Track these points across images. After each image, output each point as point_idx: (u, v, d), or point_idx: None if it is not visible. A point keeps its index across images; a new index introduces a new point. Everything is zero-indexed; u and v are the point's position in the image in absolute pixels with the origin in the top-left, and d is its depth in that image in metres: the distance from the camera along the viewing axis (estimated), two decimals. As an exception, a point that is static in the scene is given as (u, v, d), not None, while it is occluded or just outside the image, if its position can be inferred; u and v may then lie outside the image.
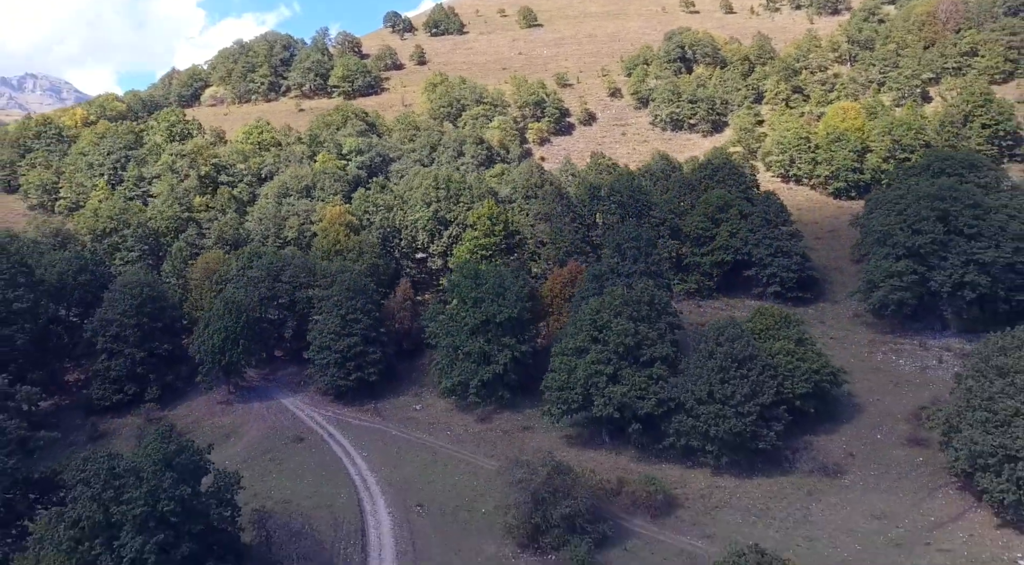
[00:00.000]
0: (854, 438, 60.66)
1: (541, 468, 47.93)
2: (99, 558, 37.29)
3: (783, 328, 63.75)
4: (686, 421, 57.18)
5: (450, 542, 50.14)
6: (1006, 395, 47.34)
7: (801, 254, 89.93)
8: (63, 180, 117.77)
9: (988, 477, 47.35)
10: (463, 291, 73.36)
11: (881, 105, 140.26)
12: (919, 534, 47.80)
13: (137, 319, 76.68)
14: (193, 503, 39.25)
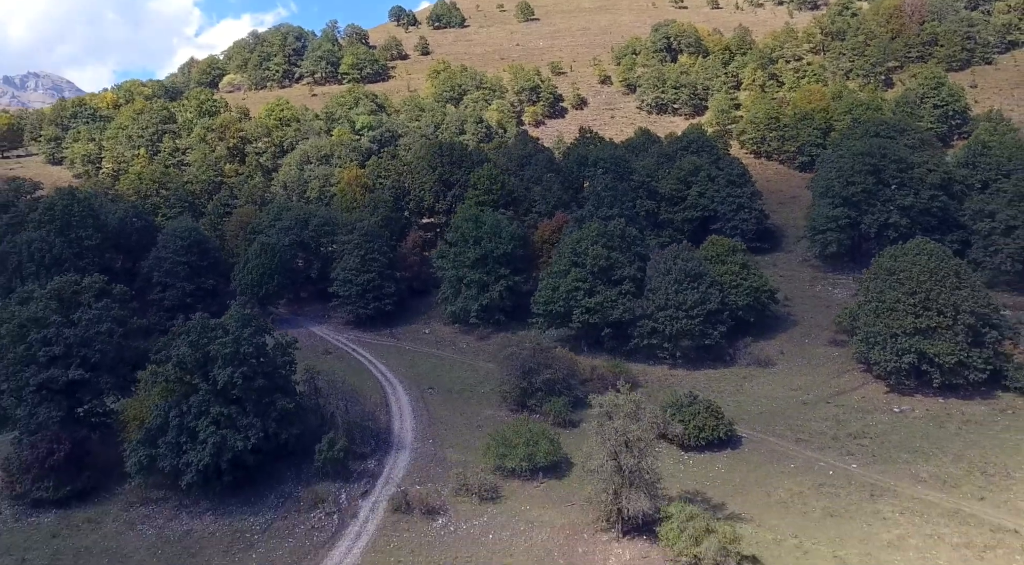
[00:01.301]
0: (786, 341, 73.93)
1: (528, 345, 61.03)
2: (198, 386, 50.29)
3: (730, 255, 76.97)
4: (647, 324, 70.33)
5: (455, 408, 63.24)
6: (891, 288, 60.52)
7: (760, 210, 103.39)
8: (105, 152, 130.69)
9: (876, 351, 60.48)
10: (465, 231, 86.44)
11: (847, 89, 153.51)
12: (824, 397, 60.91)
13: (186, 258, 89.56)
14: (264, 350, 52.31)
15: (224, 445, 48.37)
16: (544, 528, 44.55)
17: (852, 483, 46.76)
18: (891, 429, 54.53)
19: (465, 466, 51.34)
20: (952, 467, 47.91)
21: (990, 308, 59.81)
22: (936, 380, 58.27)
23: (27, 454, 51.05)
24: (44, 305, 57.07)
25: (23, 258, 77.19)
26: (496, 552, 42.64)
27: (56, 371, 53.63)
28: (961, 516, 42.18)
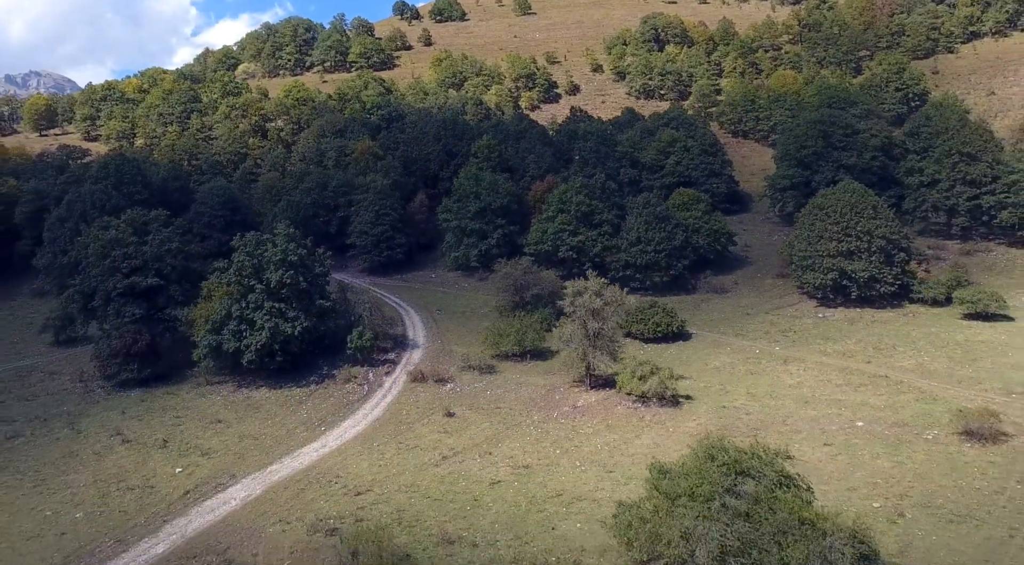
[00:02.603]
0: (740, 276, 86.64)
1: (519, 266, 73.68)
2: (253, 286, 62.77)
3: (695, 204, 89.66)
4: (622, 258, 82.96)
5: (459, 323, 75.83)
6: (820, 221, 73.18)
7: (729, 176, 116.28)
8: (137, 128, 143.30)
9: (808, 273, 73.18)
10: (467, 188, 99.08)
11: (819, 74, 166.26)
12: (763, 310, 73.52)
13: (222, 212, 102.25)
14: (304, 260, 64.87)
15: (277, 331, 60.83)
16: (529, 387, 57.18)
17: (772, 357, 59.44)
18: (813, 327, 67.26)
19: (468, 354, 64.00)
20: (852, 345, 60.67)
21: (900, 235, 72.47)
22: (854, 292, 70.94)
23: (115, 343, 63.42)
24: (123, 229, 69.67)
25: (87, 206, 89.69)
26: (492, 401, 55.22)
27: (136, 278, 66.25)
28: (849, 370, 54.88)
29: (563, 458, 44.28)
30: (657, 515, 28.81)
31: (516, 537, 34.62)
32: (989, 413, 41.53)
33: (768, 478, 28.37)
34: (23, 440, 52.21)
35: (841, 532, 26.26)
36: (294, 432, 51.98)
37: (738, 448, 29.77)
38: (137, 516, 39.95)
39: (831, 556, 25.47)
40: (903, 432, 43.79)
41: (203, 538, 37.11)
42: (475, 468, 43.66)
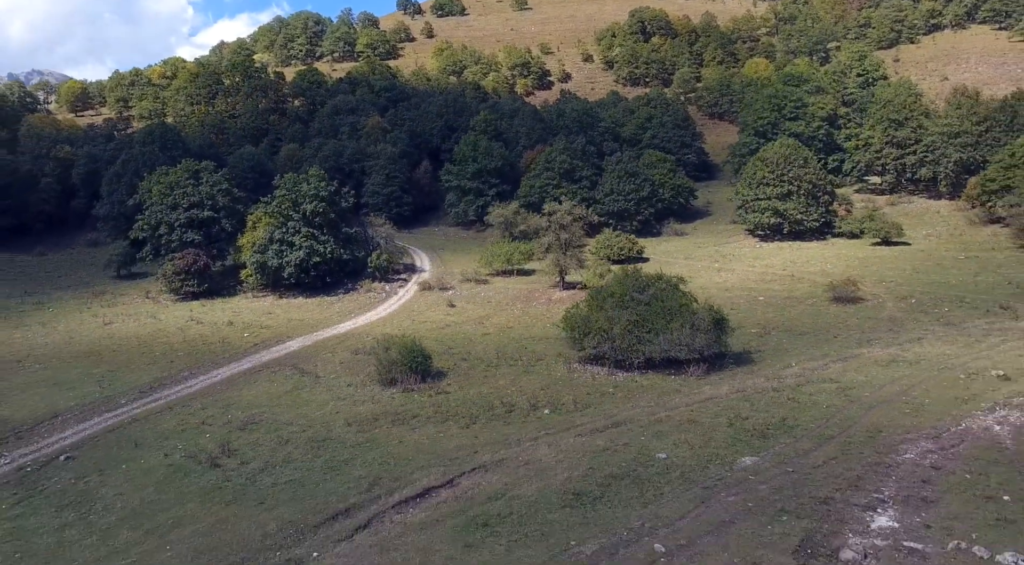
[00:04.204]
0: (700, 224, 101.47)
1: (510, 208, 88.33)
2: (291, 216, 77.23)
3: (661, 163, 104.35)
4: (597, 206, 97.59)
5: (458, 256, 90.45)
6: (760, 170, 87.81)
7: (700, 147, 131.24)
8: (167, 108, 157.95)
9: (750, 214, 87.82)
10: (466, 153, 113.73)
11: (790, 62, 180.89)
12: (712, 245, 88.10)
13: (251, 175, 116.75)
14: (332, 196, 79.40)
15: (312, 250, 75.41)
16: (515, 290, 71.82)
17: (710, 268, 74.17)
18: (749, 252, 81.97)
19: (465, 272, 78.65)
20: (775, 261, 75.53)
21: (824, 181, 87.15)
22: (786, 228, 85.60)
23: (179, 262, 77.94)
24: (180, 174, 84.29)
25: (139, 164, 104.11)
26: (485, 298, 69.79)
27: (195, 212, 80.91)
28: (766, 275, 69.65)
29: (537, 322, 58.88)
30: (590, 312, 43.49)
31: (498, 352, 49.22)
32: (851, 282, 56.21)
33: (661, 287, 43.09)
34: (116, 327, 66.68)
35: (704, 310, 41.01)
36: (331, 317, 66.64)
37: (647, 274, 44.48)
38: (223, 354, 54.48)
39: (696, 322, 40.14)
40: (791, 301, 58.46)
41: (275, 361, 51.66)
42: (470, 330, 58.23)
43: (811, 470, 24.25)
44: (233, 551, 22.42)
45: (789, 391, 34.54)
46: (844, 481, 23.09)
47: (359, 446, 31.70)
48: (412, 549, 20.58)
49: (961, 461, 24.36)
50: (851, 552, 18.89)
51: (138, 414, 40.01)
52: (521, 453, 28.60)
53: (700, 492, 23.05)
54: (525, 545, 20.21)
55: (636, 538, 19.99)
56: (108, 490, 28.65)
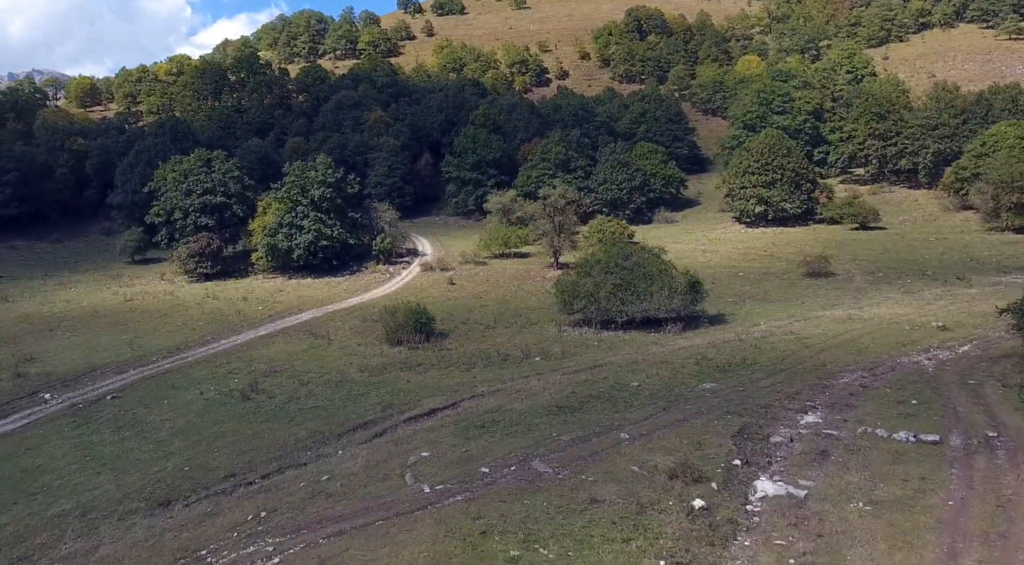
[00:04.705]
0: (690, 212, 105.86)
1: (507, 195, 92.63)
2: (300, 201, 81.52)
3: (653, 154, 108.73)
4: (591, 195, 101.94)
5: (458, 241, 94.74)
6: (746, 159, 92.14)
7: (692, 141, 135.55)
8: (175, 103, 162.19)
9: (737, 201, 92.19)
10: (466, 145, 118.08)
11: (782, 60, 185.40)
12: (700, 231, 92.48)
13: (259, 166, 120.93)
14: (339, 182, 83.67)
15: (320, 233, 79.72)
16: (511, 270, 76.17)
17: (696, 250, 78.51)
18: (734, 237, 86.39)
19: (465, 254, 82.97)
20: (757, 244, 79.93)
21: (807, 169, 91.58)
22: (770, 215, 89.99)
23: (193, 245, 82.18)
24: (194, 162, 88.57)
25: (151, 155, 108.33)
26: (483, 278, 74.11)
27: (208, 197, 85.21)
28: (750, 254, 74.03)
29: (532, 296, 63.17)
30: (579, 278, 47.85)
31: (495, 318, 53.54)
32: (822, 258, 60.60)
33: (644, 255, 47.45)
34: (137, 302, 70.90)
35: (681, 275, 45.38)
36: (339, 294, 70.95)
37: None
38: (240, 324, 58.73)
39: (674, 284, 44.50)
40: (767, 276, 62.90)
41: (289, 328, 55.96)
42: (470, 302, 62.53)
43: (759, 389, 28.62)
44: (271, 451, 26.73)
45: (753, 341, 38.90)
46: (784, 395, 27.46)
47: (372, 384, 36.01)
48: (422, 442, 24.94)
49: (886, 382, 28.74)
50: (779, 437, 23.28)
51: (169, 368, 44.32)
52: (513, 385, 32.95)
53: (663, 404, 27.42)
54: (514, 436, 24.57)
55: (606, 431, 24.37)
56: (155, 417, 32.96)
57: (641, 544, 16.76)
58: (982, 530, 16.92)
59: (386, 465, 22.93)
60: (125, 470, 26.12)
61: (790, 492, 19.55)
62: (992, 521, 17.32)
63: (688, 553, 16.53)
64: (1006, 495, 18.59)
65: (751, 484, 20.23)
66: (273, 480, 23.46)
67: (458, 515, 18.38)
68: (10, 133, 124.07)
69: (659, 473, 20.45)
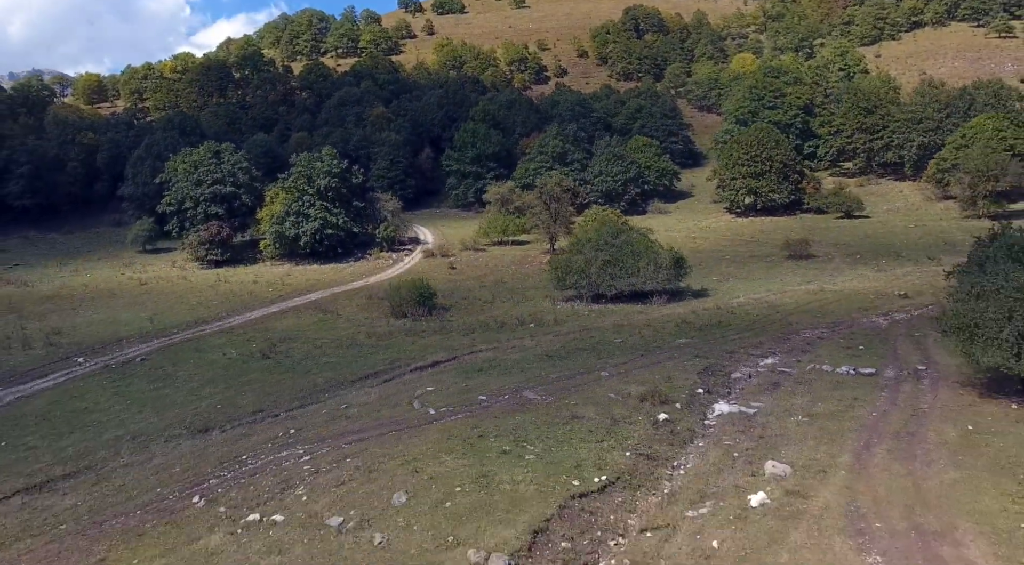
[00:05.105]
0: (683, 204, 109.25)
1: (505, 186, 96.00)
2: (306, 190, 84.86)
3: (647, 147, 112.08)
4: (588, 186, 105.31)
5: (457, 231, 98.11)
6: (736, 151, 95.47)
7: (686, 135, 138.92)
8: (180, 100, 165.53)
9: (727, 192, 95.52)
10: (466, 139, 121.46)
11: (776, 58, 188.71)
12: (692, 224, 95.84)
13: (264, 159, 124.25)
14: (343, 173, 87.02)
15: (326, 221, 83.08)
16: (510, 256, 79.56)
17: (688, 235, 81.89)
18: (723, 226, 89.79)
19: (465, 241, 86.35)
20: (745, 231, 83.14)
21: (795, 161, 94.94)
22: (759, 204, 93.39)
23: (204, 233, 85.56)
24: (204, 154, 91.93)
25: (161, 148, 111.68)
26: (483, 263, 77.47)
27: (218, 187, 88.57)
28: (736, 239, 77.40)
29: (528, 278, 66.57)
30: (572, 255, 51.24)
31: (494, 295, 56.92)
32: (804, 241, 63.98)
33: (632, 234, 50.82)
34: (151, 285, 74.25)
35: (666, 251, 48.76)
36: (344, 277, 74.32)
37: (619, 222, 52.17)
38: (252, 302, 62.08)
39: (659, 260, 47.88)
40: (752, 258, 66.35)
41: (300, 306, 59.31)
42: (470, 283, 65.91)
43: (728, 341, 32.02)
44: (293, 393, 30.10)
45: (730, 309, 42.31)
46: (750, 345, 30.87)
47: (379, 346, 39.40)
48: (427, 381, 28.32)
49: (841, 335, 32.16)
50: (739, 373, 26.68)
51: (190, 337, 47.68)
52: (509, 344, 36.34)
53: (641, 353, 30.81)
54: (508, 375, 27.96)
55: (589, 371, 27.78)
56: (184, 372, 36.33)
57: (612, 444, 20.13)
58: (895, 431, 20.30)
59: (396, 397, 26.31)
60: (164, 409, 29.50)
61: (742, 410, 22.95)
62: (905, 424, 20.70)
63: (651, 449, 19.92)
64: (922, 408, 21.97)
65: (710, 406, 23.63)
66: (297, 411, 26.83)
67: (459, 426, 21.75)
68: (22, 128, 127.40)
69: (632, 398, 23.82)
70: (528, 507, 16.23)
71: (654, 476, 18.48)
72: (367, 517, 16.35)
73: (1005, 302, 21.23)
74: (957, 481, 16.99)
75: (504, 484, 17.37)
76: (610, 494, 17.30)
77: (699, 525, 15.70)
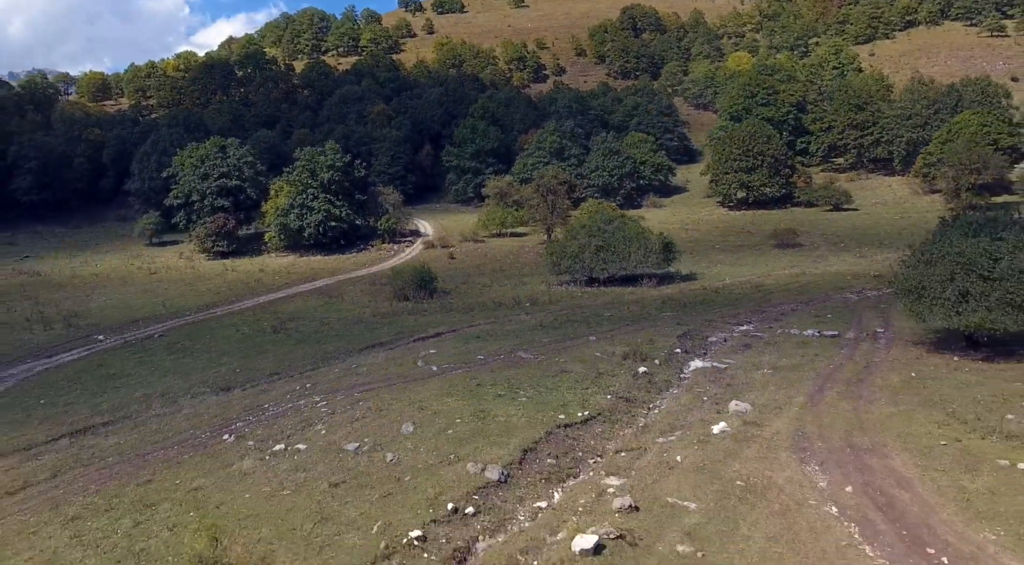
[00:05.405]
0: (678, 198, 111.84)
1: (504, 180, 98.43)
2: (310, 184, 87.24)
3: (643, 143, 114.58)
4: (584, 181, 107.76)
5: (456, 224, 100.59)
6: (729, 146, 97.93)
7: (682, 132, 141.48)
8: (184, 97, 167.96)
9: (720, 186, 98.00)
10: (465, 135, 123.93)
11: (772, 57, 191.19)
12: (684, 218, 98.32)
13: (268, 155, 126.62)
14: (347, 167, 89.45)
15: (329, 213, 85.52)
16: (506, 247, 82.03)
17: (681, 227, 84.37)
18: (717, 219, 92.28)
19: (465, 233, 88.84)
20: (735, 222, 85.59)
21: (785, 156, 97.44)
22: (751, 198, 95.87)
23: (210, 226, 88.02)
24: (210, 148, 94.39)
25: (166, 144, 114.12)
26: (482, 253, 79.96)
27: (224, 181, 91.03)
28: (727, 231, 79.83)
29: (526, 266, 69.04)
30: (567, 240, 53.71)
31: (492, 279, 59.39)
32: (791, 230, 66.47)
33: (624, 221, 53.30)
34: (161, 274, 76.71)
35: (656, 236, 51.26)
36: (348, 267, 76.81)
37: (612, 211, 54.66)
38: (259, 289, 64.54)
39: (649, 244, 50.37)
40: (742, 247, 68.91)
41: (305, 292, 61.78)
42: (469, 270, 68.38)
43: (709, 313, 34.51)
44: (306, 359, 32.58)
45: (715, 289, 44.80)
46: (728, 314, 33.38)
47: (383, 323, 41.88)
48: (431, 347, 30.80)
49: (813, 308, 34.65)
50: (715, 338, 29.17)
51: (202, 318, 50.15)
52: (506, 319, 38.82)
53: (627, 323, 33.30)
54: (505, 340, 30.45)
55: (578, 336, 30.28)
56: (201, 345, 38.80)
57: (595, 390, 22.62)
58: (847, 378, 22.79)
59: (402, 359, 28.79)
60: (187, 373, 31.97)
61: (715, 365, 25.45)
62: (857, 374, 23.20)
63: (630, 394, 22.41)
64: (875, 362, 24.47)
65: (687, 363, 26.13)
66: (311, 372, 29.31)
67: (459, 378, 24.24)
68: (30, 124, 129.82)
69: (616, 356, 26.30)
70: (519, 433, 18.72)
71: (631, 414, 20.97)
72: (380, 442, 18.84)
73: (948, 266, 23.71)
74: (893, 414, 19.48)
75: (499, 417, 19.86)
76: (591, 426, 19.79)
77: (667, 447, 18.20)
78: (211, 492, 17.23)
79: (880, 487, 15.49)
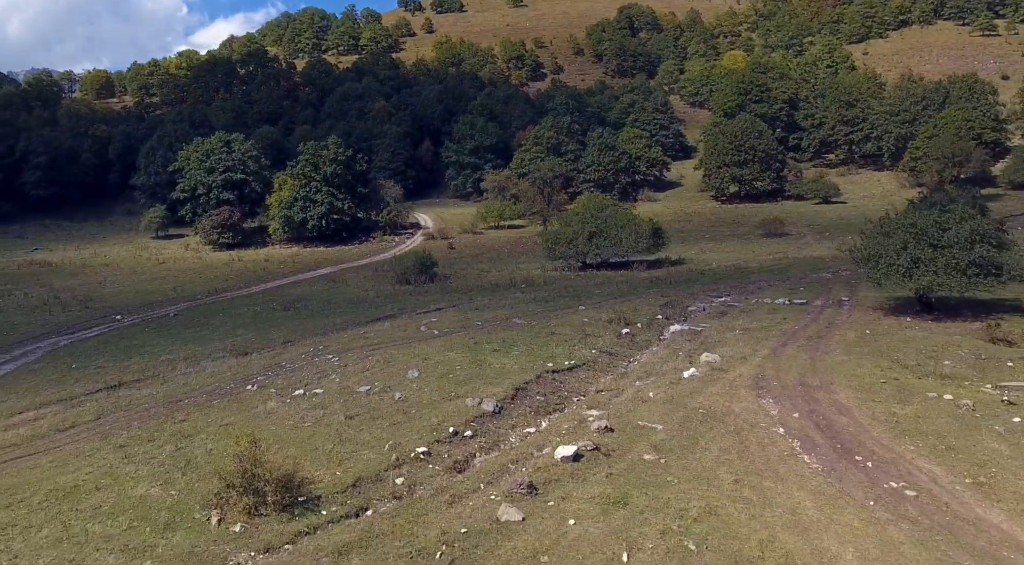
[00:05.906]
0: (672, 193, 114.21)
1: (502, 174, 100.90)
2: (313, 176, 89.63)
3: (638, 139, 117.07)
4: (581, 176, 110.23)
5: (456, 218, 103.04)
6: (721, 141, 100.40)
7: (677, 129, 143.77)
8: (187, 95, 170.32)
9: (713, 179, 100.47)
10: (464, 131, 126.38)
11: (767, 56, 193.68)
12: (678, 210, 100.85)
13: (270, 151, 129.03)
14: (349, 160, 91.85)
15: (332, 206, 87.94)
16: (504, 238, 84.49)
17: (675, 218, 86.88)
18: (709, 212, 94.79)
19: (464, 226, 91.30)
20: (727, 216, 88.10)
21: (776, 151, 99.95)
22: (743, 191, 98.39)
23: (216, 218, 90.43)
24: (216, 143, 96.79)
25: (172, 139, 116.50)
26: (481, 245, 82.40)
27: (229, 174, 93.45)
28: (720, 223, 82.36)
29: (523, 255, 71.46)
30: (562, 227, 56.17)
31: (490, 265, 61.81)
32: (778, 219, 68.95)
33: (616, 208, 55.78)
34: (170, 264, 79.10)
35: (646, 223, 53.73)
36: (350, 257, 79.24)
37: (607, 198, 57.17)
38: (265, 276, 66.95)
39: (640, 230, 52.85)
40: (731, 236, 71.36)
41: (311, 279, 64.22)
42: (468, 259, 70.84)
43: (692, 288, 36.98)
44: (315, 330, 35.03)
45: (701, 270, 47.27)
46: (708, 288, 35.84)
47: (387, 302, 44.30)
48: (433, 319, 33.26)
49: (790, 284, 37.12)
50: (694, 307, 31.63)
51: (214, 301, 52.57)
52: (502, 297, 41.27)
53: (615, 297, 35.77)
54: (500, 310, 32.92)
55: (568, 306, 32.75)
56: (217, 321, 41.22)
57: (582, 346, 25.10)
58: (808, 336, 25.28)
59: (406, 325, 31.25)
60: (205, 343, 34.39)
61: (692, 328, 27.92)
62: (818, 332, 25.68)
63: (613, 350, 24.89)
64: (835, 323, 26.96)
65: (667, 327, 28.59)
66: (322, 337, 31.77)
67: (459, 338, 26.70)
68: (37, 120, 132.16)
69: (602, 321, 28.77)
70: (512, 376, 21.19)
71: (613, 365, 23.45)
72: (388, 385, 21.30)
73: (903, 236, 26.19)
74: (844, 361, 21.97)
75: (494, 365, 22.34)
76: (577, 372, 22.28)
77: (642, 388, 20.67)
78: (241, 426, 19.65)
79: (823, 414, 17.95)
